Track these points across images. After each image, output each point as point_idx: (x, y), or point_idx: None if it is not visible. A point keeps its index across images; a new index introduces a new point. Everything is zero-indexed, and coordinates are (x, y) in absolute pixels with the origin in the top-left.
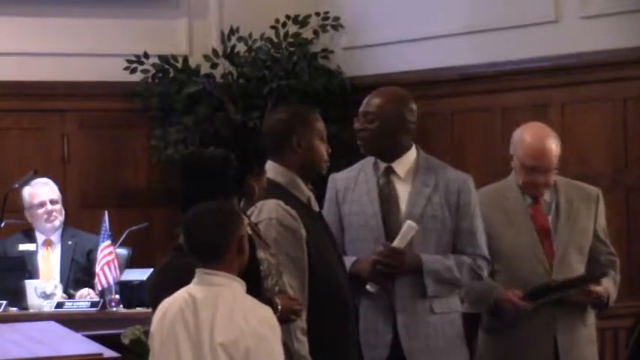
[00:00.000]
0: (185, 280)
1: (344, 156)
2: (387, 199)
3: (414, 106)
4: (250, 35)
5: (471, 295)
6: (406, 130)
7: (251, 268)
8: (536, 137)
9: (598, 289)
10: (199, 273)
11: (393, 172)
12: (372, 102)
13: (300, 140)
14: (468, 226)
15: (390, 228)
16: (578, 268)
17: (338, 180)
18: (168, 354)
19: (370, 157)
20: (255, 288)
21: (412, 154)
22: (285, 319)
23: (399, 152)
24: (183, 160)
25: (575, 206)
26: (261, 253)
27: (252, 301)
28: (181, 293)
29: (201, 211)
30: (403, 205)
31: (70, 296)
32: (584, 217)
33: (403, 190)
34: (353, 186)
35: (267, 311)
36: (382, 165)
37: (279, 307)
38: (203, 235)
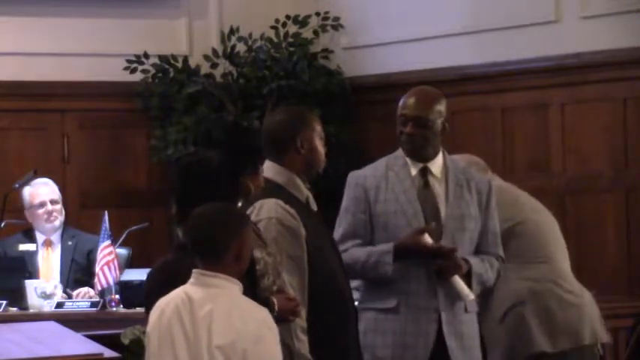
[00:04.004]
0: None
1: (343, 155)
2: (425, 199)
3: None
4: (250, 35)
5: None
6: (444, 129)
7: (248, 268)
8: None
9: None
10: (196, 274)
11: (430, 172)
12: (421, 106)
13: (303, 141)
14: (493, 226)
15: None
16: None
17: (366, 178)
18: (165, 354)
19: (396, 156)
20: (252, 287)
21: (440, 153)
22: (282, 319)
23: (437, 153)
24: (179, 163)
25: None
26: (257, 253)
27: (249, 303)
28: (178, 292)
29: (208, 209)
30: (442, 205)
31: (69, 296)
32: None
33: (440, 190)
34: (385, 185)
35: (264, 313)
36: (416, 165)
37: (276, 307)
38: (204, 232)
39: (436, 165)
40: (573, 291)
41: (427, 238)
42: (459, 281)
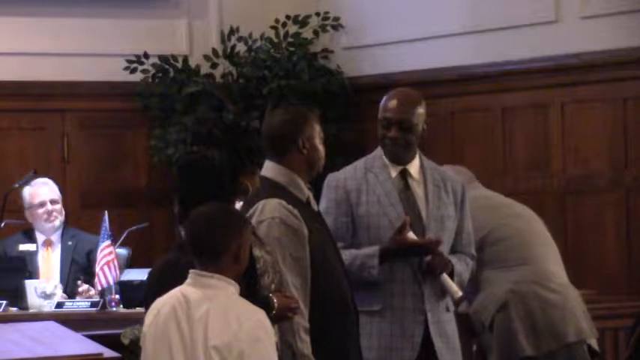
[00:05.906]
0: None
1: (342, 156)
2: (407, 200)
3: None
4: (250, 35)
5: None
6: (424, 131)
7: (248, 266)
8: None
9: None
10: (193, 274)
11: (409, 174)
12: (404, 109)
13: (305, 141)
14: (467, 226)
15: (414, 229)
16: None
17: (346, 180)
18: (161, 354)
19: (374, 157)
20: (252, 286)
21: (417, 154)
22: (282, 317)
23: (415, 155)
24: (180, 162)
25: None
26: (256, 251)
27: (245, 304)
28: (175, 293)
29: (207, 209)
30: (422, 207)
31: (72, 293)
32: None
33: (419, 192)
34: (365, 187)
35: (260, 314)
36: (395, 167)
37: (276, 304)
38: (203, 233)
39: (414, 167)
40: (556, 290)
41: (412, 235)
42: (447, 279)
